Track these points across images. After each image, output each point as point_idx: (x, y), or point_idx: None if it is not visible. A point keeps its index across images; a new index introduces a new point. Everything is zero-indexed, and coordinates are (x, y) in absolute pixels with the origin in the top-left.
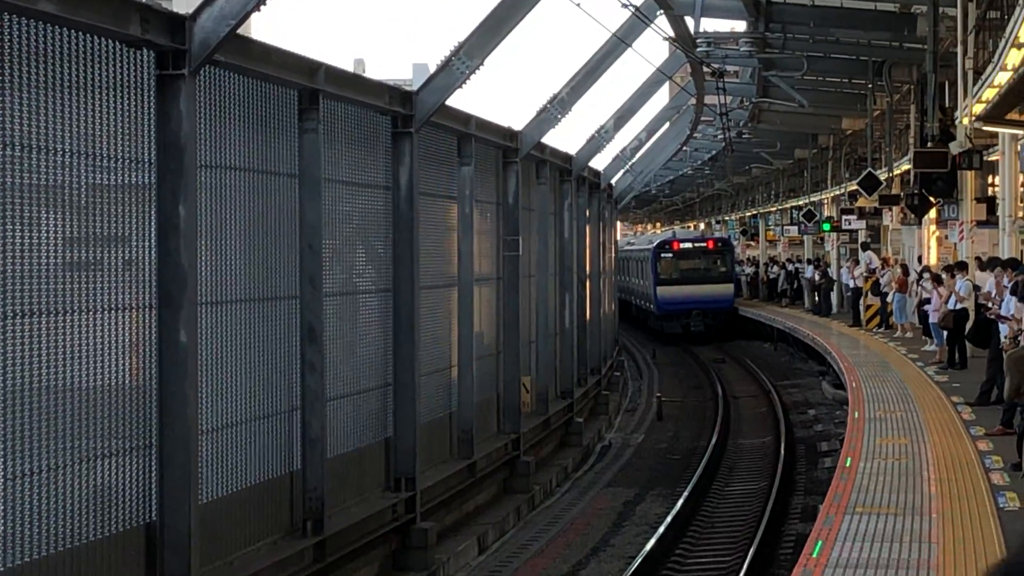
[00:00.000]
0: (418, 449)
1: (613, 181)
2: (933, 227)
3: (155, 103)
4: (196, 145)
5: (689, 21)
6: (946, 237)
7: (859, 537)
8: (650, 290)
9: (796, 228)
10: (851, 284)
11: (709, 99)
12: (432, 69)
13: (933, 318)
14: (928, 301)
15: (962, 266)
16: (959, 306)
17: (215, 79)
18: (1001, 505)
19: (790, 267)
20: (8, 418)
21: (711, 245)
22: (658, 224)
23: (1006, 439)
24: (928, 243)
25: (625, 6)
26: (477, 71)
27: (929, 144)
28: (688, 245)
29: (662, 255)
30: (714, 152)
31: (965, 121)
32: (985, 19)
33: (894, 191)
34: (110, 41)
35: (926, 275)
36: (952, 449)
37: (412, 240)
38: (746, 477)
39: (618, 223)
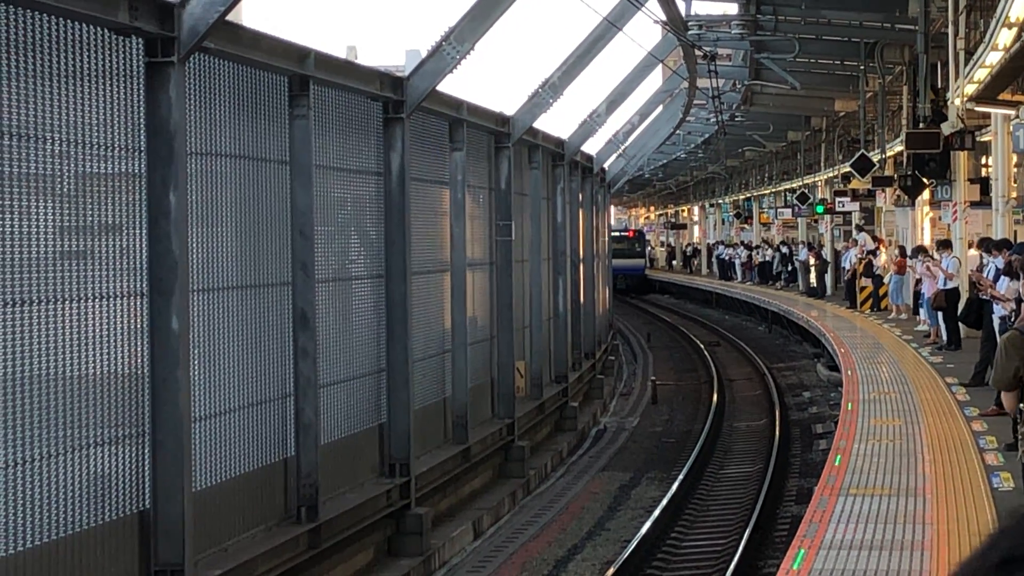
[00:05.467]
0: (412, 434)
1: (606, 165)
2: (927, 208)
3: (144, 91)
4: (186, 132)
5: (680, 4)
6: (940, 218)
7: (853, 518)
8: None
9: (790, 211)
10: (847, 265)
11: (701, 82)
12: (424, 55)
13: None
14: (920, 281)
15: (946, 244)
16: (949, 284)
17: (205, 66)
18: (995, 486)
19: (784, 250)
20: (2, 407)
21: (631, 234)
22: (652, 208)
23: (1000, 419)
24: (922, 224)
25: None
26: (468, 56)
27: (921, 125)
28: (616, 234)
29: None
30: (707, 135)
31: (957, 102)
32: None
33: (887, 172)
34: (99, 29)
35: (921, 256)
36: (946, 430)
37: (404, 226)
38: (741, 460)
39: (612, 207)
